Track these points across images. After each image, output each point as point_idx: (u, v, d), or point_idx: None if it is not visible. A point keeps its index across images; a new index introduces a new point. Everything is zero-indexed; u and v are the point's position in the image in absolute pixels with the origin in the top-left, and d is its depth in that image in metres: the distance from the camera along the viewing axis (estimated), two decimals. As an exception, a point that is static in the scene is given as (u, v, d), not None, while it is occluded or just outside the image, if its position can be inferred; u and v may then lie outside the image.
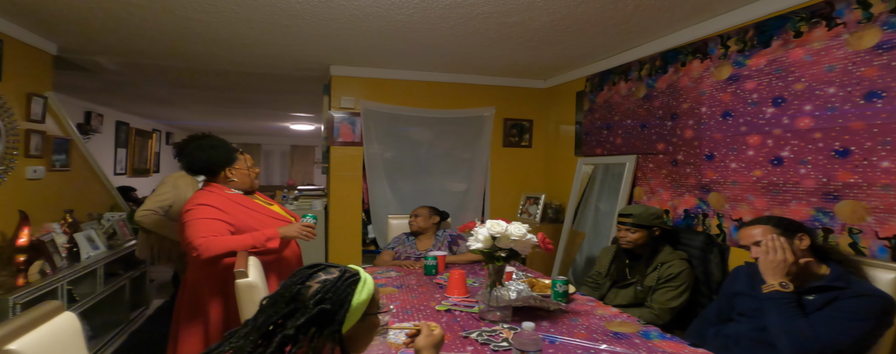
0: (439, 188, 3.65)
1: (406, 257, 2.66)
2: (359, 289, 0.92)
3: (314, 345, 0.84)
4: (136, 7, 2.29)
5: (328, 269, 0.94)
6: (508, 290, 1.70)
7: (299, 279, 0.91)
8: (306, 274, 0.92)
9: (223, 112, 6.38)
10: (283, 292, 0.90)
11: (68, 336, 1.05)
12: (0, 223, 2.47)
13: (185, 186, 2.64)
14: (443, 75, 3.62)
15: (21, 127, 2.65)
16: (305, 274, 0.92)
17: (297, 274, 0.93)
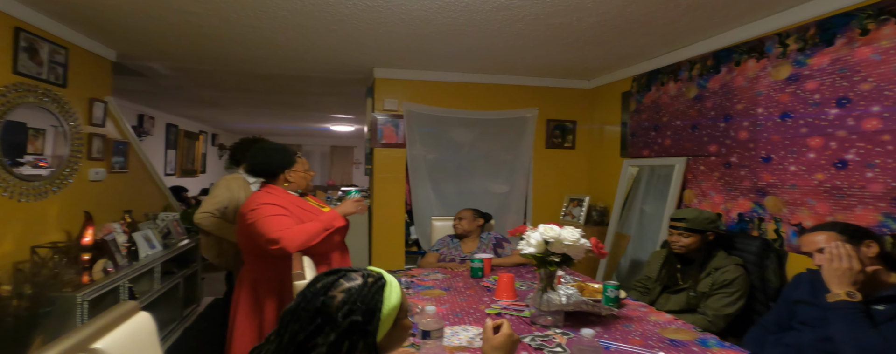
0: (481, 189, 3.64)
1: (451, 259, 2.66)
2: (387, 294, 0.86)
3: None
4: (193, 15, 2.38)
5: (348, 275, 0.87)
6: (558, 295, 1.67)
7: (321, 289, 0.84)
8: (327, 282, 0.85)
9: (267, 114, 6.57)
10: (304, 304, 0.83)
11: (145, 335, 1.10)
12: (66, 223, 2.62)
13: (238, 188, 2.72)
14: (485, 77, 3.60)
15: (84, 130, 2.80)
16: (326, 283, 0.85)
17: (317, 282, 0.87)
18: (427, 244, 3.53)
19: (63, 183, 2.58)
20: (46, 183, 2.45)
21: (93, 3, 2.22)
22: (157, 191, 3.80)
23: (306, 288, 0.86)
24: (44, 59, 2.43)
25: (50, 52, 2.48)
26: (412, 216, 3.63)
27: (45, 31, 2.43)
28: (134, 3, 2.22)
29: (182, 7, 2.26)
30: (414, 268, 2.60)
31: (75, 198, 2.69)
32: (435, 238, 3.05)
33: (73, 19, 2.47)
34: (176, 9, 2.28)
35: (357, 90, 4.37)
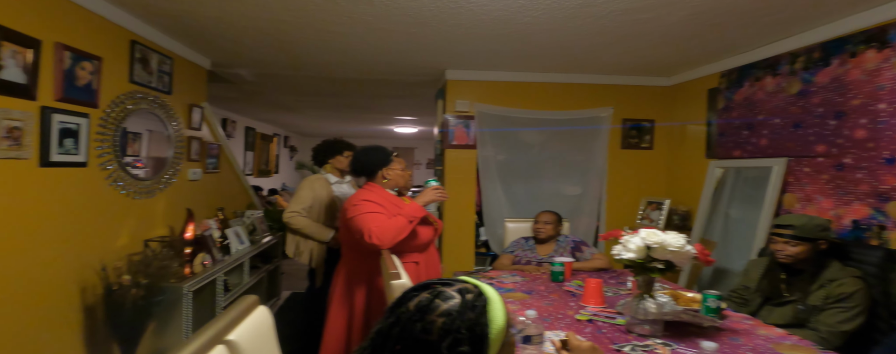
0: (552, 191, 3.56)
1: (526, 262, 2.62)
2: (493, 315, 0.75)
3: None
4: (283, 23, 2.51)
5: (443, 293, 0.75)
6: (655, 303, 1.59)
7: (415, 312, 0.73)
8: (422, 303, 0.75)
9: (335, 117, 6.83)
10: (399, 330, 0.73)
11: (266, 328, 1.16)
12: (169, 219, 2.85)
13: (320, 188, 2.85)
14: (557, 76, 3.53)
15: (185, 134, 3.03)
16: (421, 305, 0.74)
17: (408, 300, 0.77)
18: (498, 246, 3.51)
19: (168, 183, 2.81)
20: (154, 183, 2.67)
21: (197, 15, 2.39)
22: (243, 190, 4.04)
23: (397, 306, 0.76)
24: (154, 68, 2.66)
25: (158, 63, 2.70)
26: (482, 217, 3.62)
27: (154, 43, 2.66)
28: (232, 14, 2.37)
29: (276, 17, 2.39)
30: (489, 270, 2.59)
31: (177, 196, 2.92)
32: (508, 240, 3.02)
33: (178, 31, 2.68)
34: (270, 18, 2.41)
35: (425, 92, 4.43)
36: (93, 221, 2.19)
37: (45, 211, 1.91)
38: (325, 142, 3.03)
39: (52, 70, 1.93)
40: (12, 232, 1.77)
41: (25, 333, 1.82)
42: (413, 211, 1.99)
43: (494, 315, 0.75)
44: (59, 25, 1.96)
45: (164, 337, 2.33)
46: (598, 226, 3.57)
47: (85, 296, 2.14)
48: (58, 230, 1.99)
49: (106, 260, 2.23)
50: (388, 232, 1.87)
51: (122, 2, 2.22)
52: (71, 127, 2.02)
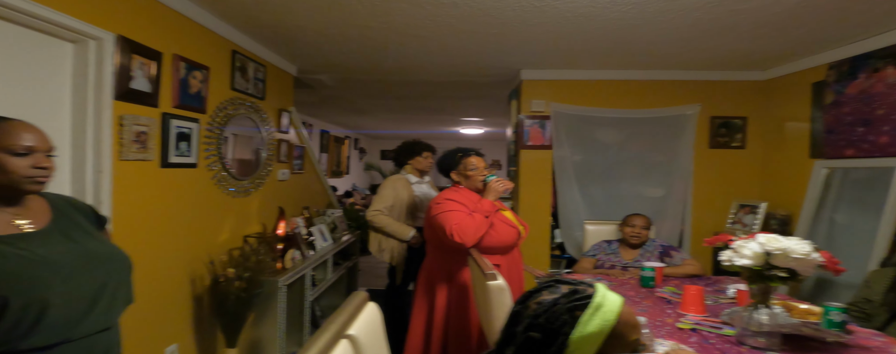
0: (632, 193, 3.42)
1: (610, 266, 2.53)
2: (586, 317, 0.73)
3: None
4: (369, 29, 2.60)
5: (557, 287, 0.79)
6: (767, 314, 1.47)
7: (524, 296, 0.79)
8: (534, 289, 0.81)
9: (404, 119, 6.99)
10: (515, 307, 0.80)
11: (377, 323, 1.20)
12: (262, 217, 3.04)
13: (401, 188, 2.93)
14: (639, 73, 3.38)
15: (275, 137, 3.22)
16: (533, 289, 0.81)
17: (536, 287, 0.83)
18: (575, 249, 3.42)
19: (261, 183, 3.00)
20: (250, 183, 2.86)
21: (290, 25, 2.53)
22: (323, 190, 4.24)
23: (530, 294, 0.83)
24: (250, 76, 2.85)
25: (254, 70, 2.89)
26: (557, 219, 3.54)
27: (250, 52, 2.85)
28: (322, 23, 2.48)
29: (363, 23, 2.48)
30: (567, 274, 2.52)
31: (269, 196, 3.11)
32: (588, 242, 2.93)
33: (271, 40, 2.86)
34: (357, 24, 2.51)
35: (496, 93, 4.41)
36: (201, 217, 2.38)
37: (164, 207, 2.11)
38: (405, 143, 3.12)
39: (170, 79, 2.12)
40: (140, 226, 1.96)
41: (148, 316, 2.01)
42: (485, 207, 2.03)
43: (589, 317, 0.74)
44: (176, 39, 2.15)
45: (261, 328, 2.49)
46: (682, 230, 3.37)
47: (194, 286, 2.34)
48: (174, 225, 2.18)
49: (212, 253, 2.42)
50: (468, 228, 1.92)
51: (226, 15, 2.40)
52: (185, 131, 2.21)
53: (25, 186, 1.00)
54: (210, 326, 2.47)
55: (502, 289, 1.49)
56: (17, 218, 1.01)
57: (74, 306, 1.00)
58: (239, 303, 2.26)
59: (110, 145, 1.75)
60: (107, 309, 1.08)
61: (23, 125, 1.02)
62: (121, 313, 1.15)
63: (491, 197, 2.09)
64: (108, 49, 1.73)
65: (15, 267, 0.93)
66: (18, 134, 0.99)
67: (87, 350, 1.05)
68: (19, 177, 0.98)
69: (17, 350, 0.93)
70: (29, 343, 0.94)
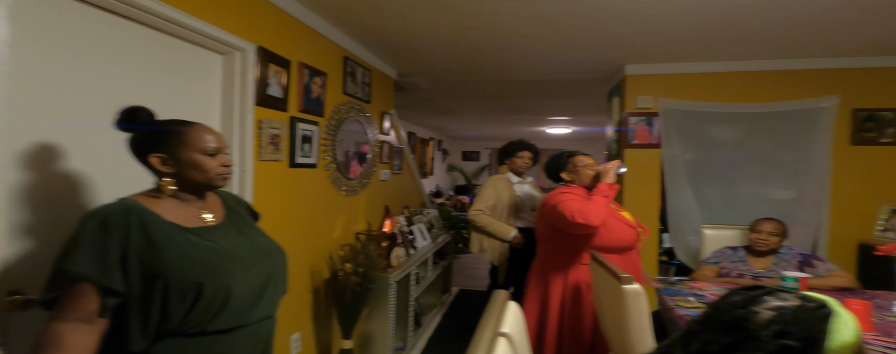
0: (755, 196, 3.10)
1: (738, 275, 2.32)
2: (837, 327, 0.70)
3: None
4: (472, 30, 2.61)
5: (779, 294, 0.75)
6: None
7: (740, 302, 0.75)
8: (748, 296, 0.76)
9: (490, 119, 6.98)
10: (717, 315, 0.76)
11: (520, 321, 1.19)
12: (368, 215, 3.17)
13: (502, 187, 2.92)
14: (762, 63, 3.07)
15: (378, 139, 3.35)
16: (748, 297, 0.76)
17: (733, 295, 0.78)
18: (686, 255, 3.18)
19: (367, 183, 3.13)
20: (358, 182, 3.00)
21: (398, 29, 2.61)
22: (418, 190, 4.34)
23: (720, 300, 0.79)
24: (358, 80, 2.98)
25: (361, 75, 3.03)
26: (665, 223, 3.32)
27: (358, 58, 2.98)
28: (428, 25, 2.53)
29: (468, 23, 2.49)
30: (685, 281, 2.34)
31: (373, 195, 3.24)
32: (706, 248, 2.71)
33: (376, 45, 2.97)
34: (462, 25, 2.53)
35: (593, 90, 4.25)
36: (320, 215, 2.53)
37: (291, 204, 2.26)
38: (509, 143, 3.11)
39: (296, 86, 2.28)
40: (273, 221, 2.11)
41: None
42: (601, 188, 1.98)
43: (840, 329, 0.70)
44: (300, 47, 2.30)
45: (372, 322, 2.59)
46: (816, 238, 3.01)
47: (314, 279, 2.49)
48: (299, 221, 2.33)
49: (330, 249, 2.56)
50: (590, 208, 1.89)
51: (342, 23, 2.53)
52: (307, 133, 2.36)
53: (217, 183, 1.12)
54: (326, 318, 2.61)
55: (639, 294, 1.41)
56: (203, 212, 1.13)
57: (249, 294, 1.09)
58: (355, 297, 2.37)
59: (252, 147, 1.91)
60: (271, 298, 1.17)
61: (206, 128, 1.13)
62: (279, 302, 1.24)
63: (607, 179, 2.01)
64: (250, 59, 1.90)
65: (208, 257, 1.03)
66: (207, 136, 1.10)
67: (255, 334, 1.14)
68: (214, 175, 1.10)
69: (206, 331, 1.03)
70: (215, 326, 1.04)
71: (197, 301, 1.00)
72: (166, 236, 1.01)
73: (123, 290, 0.96)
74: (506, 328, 1.05)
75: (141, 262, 0.97)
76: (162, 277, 0.97)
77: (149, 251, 0.98)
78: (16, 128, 1.15)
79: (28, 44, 1.19)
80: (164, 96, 1.61)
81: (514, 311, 1.19)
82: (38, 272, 1.16)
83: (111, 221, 0.97)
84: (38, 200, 1.21)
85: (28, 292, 1.16)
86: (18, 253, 1.16)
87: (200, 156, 1.08)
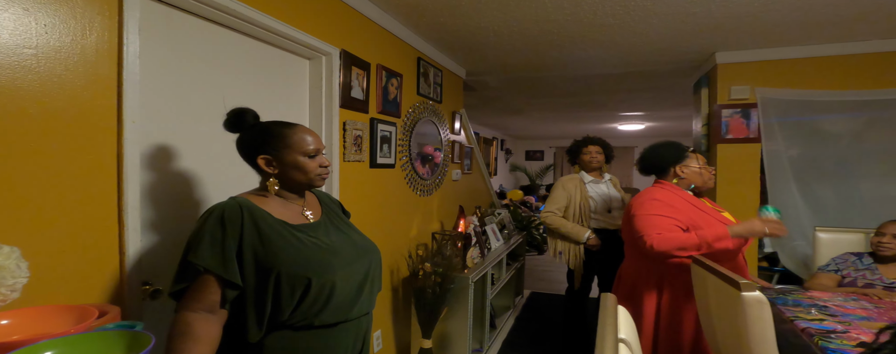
0: (878, 195, 2.74)
1: (864, 284, 2.04)
2: None
3: None
4: (550, 23, 2.51)
5: None
6: None
7: None
8: None
9: (559, 117, 6.79)
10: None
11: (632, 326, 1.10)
12: (441, 215, 3.16)
13: (573, 188, 2.80)
14: (881, 43, 2.71)
15: (450, 139, 3.33)
16: None
17: None
18: (793, 260, 2.88)
19: (440, 182, 3.12)
20: (432, 182, 3.00)
21: (472, 27, 2.57)
22: (487, 190, 4.29)
23: None
24: (431, 80, 2.98)
25: (434, 75, 3.02)
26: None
27: (431, 58, 2.98)
28: (504, 21, 2.47)
29: (546, 17, 2.40)
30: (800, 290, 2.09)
31: (446, 195, 3.23)
32: (821, 254, 2.43)
33: (447, 45, 2.95)
34: (540, 19, 2.44)
35: (673, 82, 3.98)
36: (398, 214, 2.55)
37: (373, 204, 2.29)
38: (575, 142, 2.97)
39: (375, 88, 2.30)
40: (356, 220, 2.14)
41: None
42: (715, 235, 1.69)
43: None
44: (378, 50, 2.33)
45: (450, 322, 2.57)
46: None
47: (393, 278, 2.50)
48: (379, 220, 2.36)
49: (408, 248, 2.57)
50: (670, 243, 1.69)
51: (417, 24, 2.53)
52: (386, 134, 2.38)
53: (317, 183, 1.15)
54: (404, 316, 2.63)
55: (762, 303, 1.26)
56: (305, 209, 1.15)
57: (351, 290, 1.09)
58: (435, 297, 2.35)
59: (338, 148, 1.95)
60: (369, 295, 1.17)
61: (307, 129, 1.15)
62: (376, 299, 1.23)
63: (741, 231, 1.71)
64: (335, 63, 1.94)
65: (313, 253, 1.04)
66: (308, 138, 1.13)
67: (356, 329, 1.14)
68: (314, 176, 1.13)
69: (312, 325, 1.04)
70: (321, 320, 1.05)
71: (305, 294, 1.01)
72: (276, 232, 1.03)
73: (240, 283, 0.99)
74: (623, 333, 0.97)
75: (255, 256, 1.00)
76: (274, 271, 0.99)
77: (261, 246, 1.00)
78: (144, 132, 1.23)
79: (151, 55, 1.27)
80: (262, 100, 1.68)
81: (626, 316, 1.10)
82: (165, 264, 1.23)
83: (228, 217, 1.00)
84: (162, 198, 1.30)
85: (156, 283, 1.23)
86: (147, 246, 1.24)
87: (302, 158, 1.11)
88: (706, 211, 1.82)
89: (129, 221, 1.09)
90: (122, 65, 1.09)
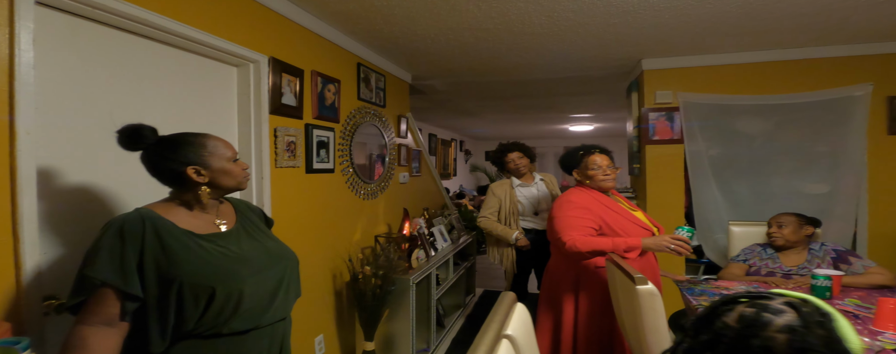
0: (787, 190, 2.98)
1: (768, 273, 2.23)
2: (847, 333, 0.67)
3: None
4: (485, 31, 2.60)
5: (770, 307, 0.69)
6: None
7: (744, 329, 0.68)
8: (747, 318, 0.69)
9: (512, 119, 6.94)
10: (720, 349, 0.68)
11: (528, 323, 1.18)
12: (387, 218, 3.20)
13: (502, 193, 2.94)
14: (788, 52, 2.95)
15: (396, 142, 3.38)
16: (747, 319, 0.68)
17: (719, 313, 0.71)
18: (714, 252, 3.09)
19: (386, 186, 3.16)
20: (377, 186, 3.04)
21: (410, 34, 2.64)
22: (438, 192, 4.36)
23: (707, 322, 0.72)
24: (372, 85, 3.02)
25: (375, 80, 3.06)
26: (692, 220, 3.23)
27: (372, 64, 3.02)
28: (439, 30, 2.54)
29: (478, 25, 2.49)
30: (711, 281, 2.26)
31: (392, 198, 3.27)
32: (734, 245, 2.62)
33: (389, 51, 3.00)
34: (472, 27, 2.53)
35: (612, 87, 4.17)
36: (338, 219, 2.57)
37: (310, 209, 2.31)
38: (498, 146, 3.10)
39: (310, 93, 2.32)
40: (292, 226, 2.17)
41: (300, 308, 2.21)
42: (627, 245, 1.84)
43: (849, 335, 0.67)
44: (313, 56, 2.35)
45: (393, 323, 2.62)
46: (855, 233, 2.87)
47: (335, 282, 2.53)
48: (318, 225, 2.38)
49: (349, 252, 2.60)
50: (586, 245, 1.83)
51: (353, 31, 2.57)
52: (323, 139, 2.41)
53: (244, 185, 1.21)
54: (349, 320, 2.66)
55: (654, 295, 1.38)
56: (216, 219, 1.17)
57: (261, 297, 1.13)
58: (375, 299, 2.40)
59: (269, 154, 1.97)
60: (284, 301, 1.20)
61: (217, 137, 1.18)
62: (293, 305, 1.27)
63: (650, 245, 1.86)
64: (263, 70, 1.95)
65: (219, 262, 1.07)
66: (227, 145, 1.18)
67: (270, 335, 1.17)
68: (242, 179, 1.19)
69: (220, 333, 1.07)
70: (229, 328, 1.07)
71: (210, 304, 1.04)
72: (180, 242, 1.05)
73: (141, 295, 1.00)
74: (510, 330, 1.05)
75: (156, 268, 1.02)
76: (176, 282, 1.01)
77: (163, 257, 1.02)
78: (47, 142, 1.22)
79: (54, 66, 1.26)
80: (185, 109, 1.68)
81: (522, 313, 1.18)
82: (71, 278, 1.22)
83: (128, 229, 1.02)
84: (69, 210, 1.28)
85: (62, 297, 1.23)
86: (51, 260, 1.22)
87: (228, 164, 1.16)
88: (618, 212, 1.96)
89: (24, 235, 1.08)
90: (13, 76, 1.08)
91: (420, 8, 2.22)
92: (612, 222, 1.92)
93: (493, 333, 0.96)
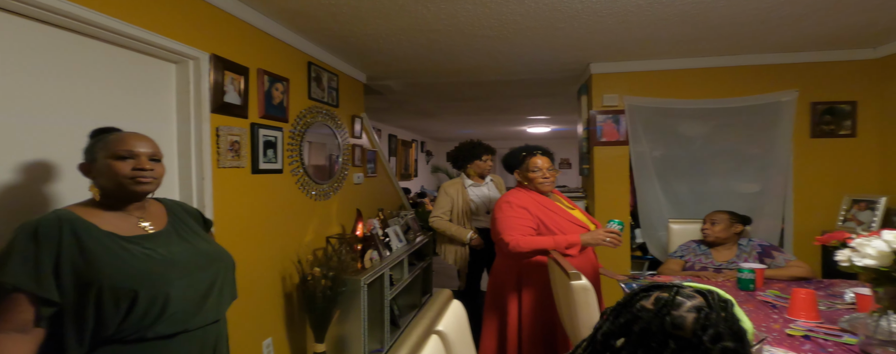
0: (722, 189, 3.17)
1: (701, 268, 2.36)
2: (742, 316, 0.73)
3: None
4: (436, 33, 2.63)
5: (681, 292, 0.74)
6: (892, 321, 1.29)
7: (659, 310, 0.73)
8: (661, 300, 0.74)
9: (471, 120, 7.01)
10: (635, 327, 0.73)
11: (463, 321, 1.21)
12: (341, 218, 3.17)
13: (455, 193, 2.98)
14: (724, 59, 3.13)
15: (350, 142, 3.36)
16: (661, 301, 0.74)
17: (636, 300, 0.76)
18: (658, 249, 3.24)
19: (339, 186, 3.13)
20: (329, 186, 3.00)
21: (360, 34, 2.62)
22: (395, 193, 4.35)
23: (625, 307, 0.77)
24: (324, 85, 2.99)
25: (328, 80, 3.03)
26: (638, 218, 3.37)
27: (324, 63, 2.99)
28: (390, 30, 2.55)
29: (428, 27, 2.51)
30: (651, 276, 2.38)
31: (346, 198, 3.25)
32: (673, 242, 2.76)
33: (342, 50, 2.97)
34: (423, 29, 2.55)
35: (565, 90, 4.29)
36: (288, 220, 2.53)
37: (256, 210, 2.26)
38: (463, 146, 3.13)
39: (256, 92, 2.28)
40: (237, 228, 2.12)
41: (246, 311, 2.17)
42: (567, 242, 1.93)
43: (744, 318, 0.73)
44: (259, 54, 2.31)
45: (345, 324, 2.60)
46: (783, 229, 3.07)
47: (285, 284, 2.49)
48: (265, 227, 2.33)
49: (299, 253, 2.56)
50: (524, 246, 1.91)
51: (302, 28, 2.54)
52: (271, 139, 2.36)
53: (129, 187, 1.08)
54: (299, 322, 2.61)
55: (587, 289, 1.44)
56: (141, 220, 1.13)
57: (190, 300, 1.10)
58: (325, 301, 2.37)
59: (210, 154, 1.91)
60: (216, 304, 1.18)
61: (129, 134, 1.13)
62: (227, 307, 1.24)
63: (587, 240, 1.93)
64: (204, 67, 1.90)
65: (143, 265, 1.04)
66: (123, 140, 1.10)
67: (201, 339, 1.15)
68: (122, 179, 1.07)
69: (145, 337, 1.03)
70: (155, 332, 1.04)
71: (132, 308, 1.00)
72: (100, 245, 1.01)
73: (57, 299, 0.96)
74: (443, 326, 1.07)
75: (74, 271, 0.98)
76: (95, 285, 0.98)
77: (81, 260, 0.98)
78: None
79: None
80: (118, 107, 1.61)
81: (457, 310, 1.21)
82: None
83: (43, 232, 0.97)
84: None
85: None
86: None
87: (111, 161, 1.07)
88: (555, 211, 2.03)
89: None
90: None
91: (367, 6, 2.22)
92: (548, 221, 2.00)
93: (423, 329, 0.98)
